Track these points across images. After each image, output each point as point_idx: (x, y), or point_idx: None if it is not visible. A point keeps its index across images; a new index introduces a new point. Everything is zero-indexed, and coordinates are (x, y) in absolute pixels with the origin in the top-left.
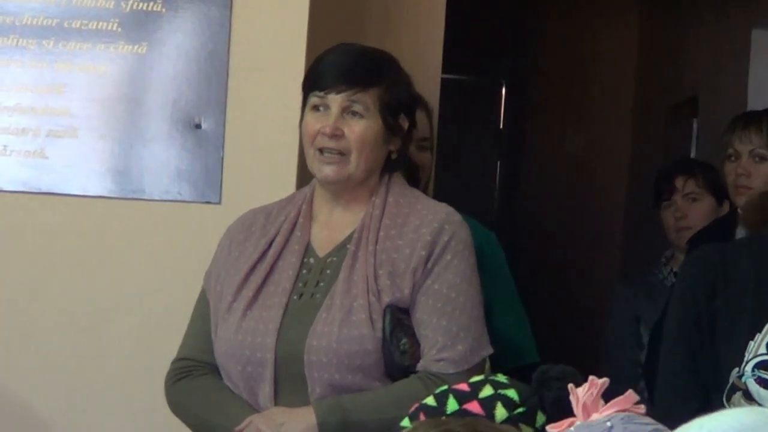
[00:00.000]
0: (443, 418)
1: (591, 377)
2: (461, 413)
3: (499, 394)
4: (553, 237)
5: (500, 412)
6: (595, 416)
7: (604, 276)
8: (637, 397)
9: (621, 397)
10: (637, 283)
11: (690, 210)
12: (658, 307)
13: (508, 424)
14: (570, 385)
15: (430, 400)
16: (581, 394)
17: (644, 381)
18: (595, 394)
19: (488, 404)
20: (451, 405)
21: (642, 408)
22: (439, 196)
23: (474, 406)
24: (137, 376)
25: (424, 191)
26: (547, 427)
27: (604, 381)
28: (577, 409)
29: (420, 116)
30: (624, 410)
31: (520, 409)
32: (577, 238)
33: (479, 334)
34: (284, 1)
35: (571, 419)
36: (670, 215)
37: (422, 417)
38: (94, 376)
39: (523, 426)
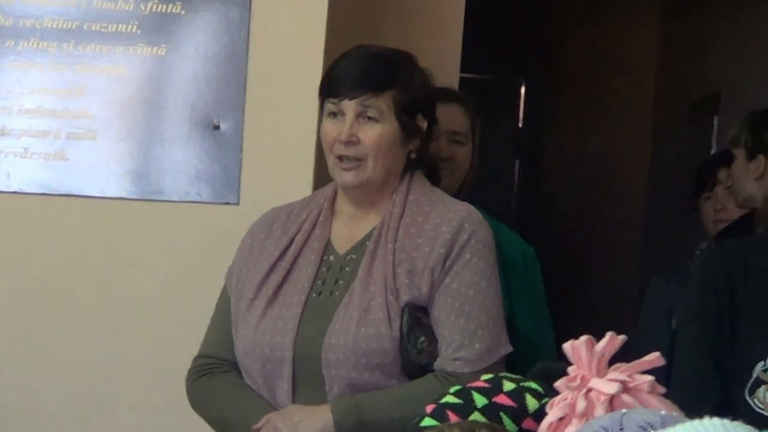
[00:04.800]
0: (472, 418)
1: (609, 333)
2: (492, 407)
3: (523, 386)
4: (572, 235)
5: (531, 403)
6: (613, 374)
7: (624, 274)
8: (662, 361)
9: (644, 359)
10: (671, 275)
11: (731, 203)
12: None
13: (540, 413)
14: (570, 342)
15: (452, 399)
16: (599, 349)
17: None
18: (608, 352)
19: (517, 396)
20: (479, 400)
21: (661, 389)
22: None
23: (504, 399)
24: (157, 375)
25: (460, 187)
26: (549, 404)
27: (622, 338)
28: (588, 365)
29: (454, 109)
30: (644, 372)
31: (546, 399)
32: (596, 236)
33: (498, 332)
34: (303, 2)
35: (564, 396)
36: (710, 207)
37: (451, 415)
38: (114, 374)
39: None
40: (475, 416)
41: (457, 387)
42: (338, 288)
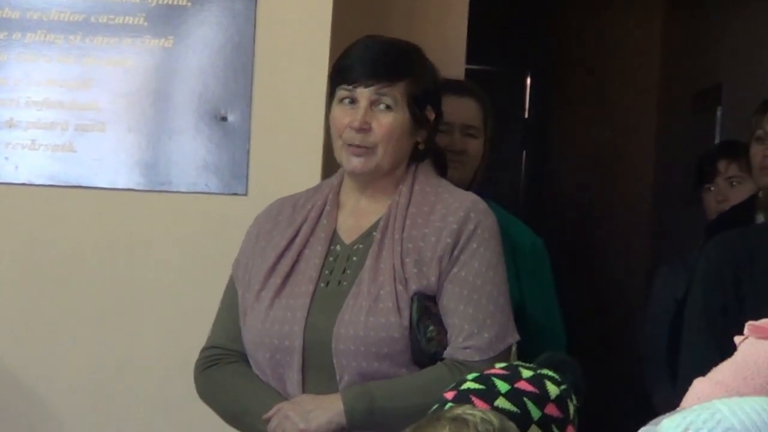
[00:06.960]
0: (497, 404)
1: None
2: (515, 392)
3: (541, 373)
4: (579, 227)
5: (552, 389)
6: None
7: (632, 263)
8: None
9: None
10: (677, 265)
11: (731, 194)
12: None
13: (560, 399)
14: None
15: (473, 385)
16: None
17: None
18: None
19: (537, 382)
20: (502, 386)
21: None
22: None
23: (525, 385)
24: (165, 366)
25: (471, 181)
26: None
27: None
28: None
29: (468, 102)
30: None
31: (564, 386)
32: (603, 227)
33: (505, 321)
34: None
35: None
36: (712, 198)
37: (476, 400)
38: (123, 366)
39: (569, 402)
40: (500, 401)
41: (476, 374)
42: (346, 278)
